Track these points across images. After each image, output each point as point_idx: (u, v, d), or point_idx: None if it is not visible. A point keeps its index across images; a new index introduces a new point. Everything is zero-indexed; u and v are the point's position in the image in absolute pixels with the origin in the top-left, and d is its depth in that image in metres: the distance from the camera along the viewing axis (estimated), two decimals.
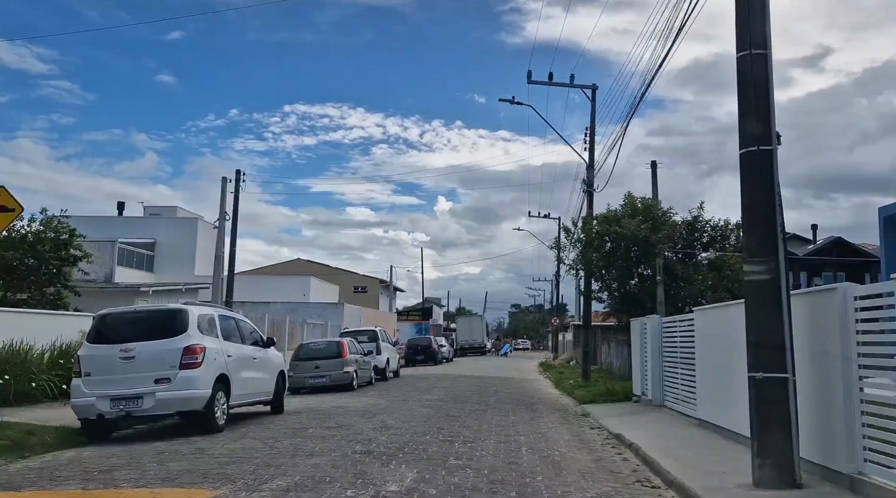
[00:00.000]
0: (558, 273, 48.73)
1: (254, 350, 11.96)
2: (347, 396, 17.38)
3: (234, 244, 24.81)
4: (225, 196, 23.53)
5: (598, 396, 17.36)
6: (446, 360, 44.90)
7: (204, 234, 43.43)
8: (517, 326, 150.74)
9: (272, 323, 26.06)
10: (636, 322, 16.14)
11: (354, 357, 19.99)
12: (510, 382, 24.46)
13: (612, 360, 25.57)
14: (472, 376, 27.57)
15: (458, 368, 35.52)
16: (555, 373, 29.48)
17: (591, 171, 21.94)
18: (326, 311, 35.97)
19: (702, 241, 17.30)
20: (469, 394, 18.42)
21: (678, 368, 13.25)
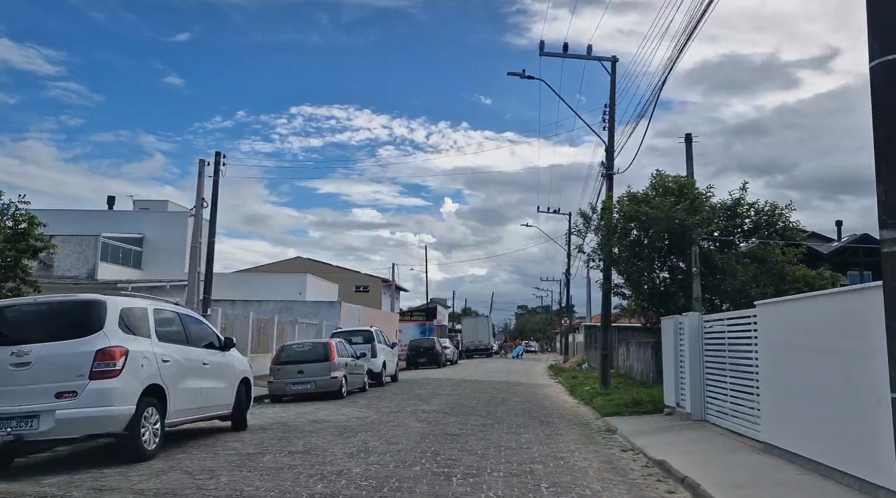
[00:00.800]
0: (568, 271, 46.36)
1: (206, 354, 9.68)
2: (333, 406, 15.08)
3: (213, 234, 22.54)
4: (203, 180, 21.24)
5: (622, 406, 15.03)
6: (450, 362, 42.56)
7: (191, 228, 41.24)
8: (524, 327, 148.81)
9: (259, 323, 23.81)
10: (668, 321, 13.80)
11: (344, 360, 17.69)
12: (519, 389, 22.13)
13: (631, 364, 23.21)
14: (478, 381, 25.23)
15: (463, 372, 33.19)
16: (567, 377, 27.12)
17: (611, 153, 19.61)
18: (322, 310, 33.70)
19: (743, 227, 14.91)
20: (473, 403, 16.09)
21: (727, 377, 10.90)
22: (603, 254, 16.54)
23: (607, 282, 18.63)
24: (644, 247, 14.80)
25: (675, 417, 13.17)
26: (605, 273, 18.93)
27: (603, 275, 19.07)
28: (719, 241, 14.47)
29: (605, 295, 19.43)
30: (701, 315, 12.36)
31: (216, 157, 21.80)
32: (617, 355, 26.39)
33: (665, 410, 13.91)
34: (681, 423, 12.42)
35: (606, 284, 18.50)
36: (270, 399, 17.04)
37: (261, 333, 23.60)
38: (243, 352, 21.98)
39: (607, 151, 19.67)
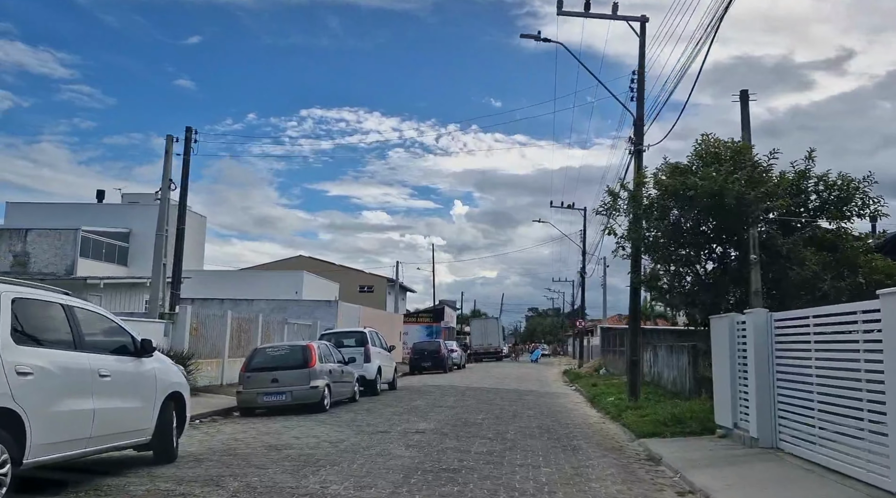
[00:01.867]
0: (583, 270, 43.53)
1: (112, 361, 7.06)
2: (308, 423, 12.44)
3: (183, 220, 19.90)
4: (170, 160, 18.65)
5: (661, 424, 12.29)
6: (457, 366, 39.84)
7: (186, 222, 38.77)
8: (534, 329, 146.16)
9: (240, 323, 21.22)
10: (721, 321, 11.07)
11: (327, 367, 15.05)
12: (533, 398, 19.41)
13: (659, 370, 20.43)
14: (486, 389, 22.53)
15: (470, 377, 30.48)
16: (585, 385, 24.37)
17: (641, 126, 16.89)
18: (318, 309, 31.15)
19: (807, 206, 12.14)
20: (479, 419, 13.41)
21: (813, 392, 8.19)
22: (631, 241, 13.79)
23: (636, 274, 15.89)
24: (686, 231, 12.06)
25: (733, 442, 10.44)
26: (633, 265, 16.18)
27: (631, 267, 16.32)
28: (782, 223, 11.71)
29: (634, 291, 16.67)
30: (770, 313, 9.63)
31: (187, 133, 19.22)
32: (641, 361, 23.57)
33: (717, 432, 11.17)
34: (744, 450, 9.69)
35: (635, 278, 15.76)
36: (240, 412, 14.42)
37: (242, 335, 21.02)
38: (218, 356, 19.41)
39: (635, 125, 16.93)
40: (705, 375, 16.23)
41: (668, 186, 11.23)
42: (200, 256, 40.75)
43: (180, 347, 17.03)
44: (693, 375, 16.19)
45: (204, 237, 41.19)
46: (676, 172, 11.20)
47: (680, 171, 11.25)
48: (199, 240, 40.64)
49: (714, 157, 11.26)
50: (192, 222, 39.99)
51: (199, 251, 40.52)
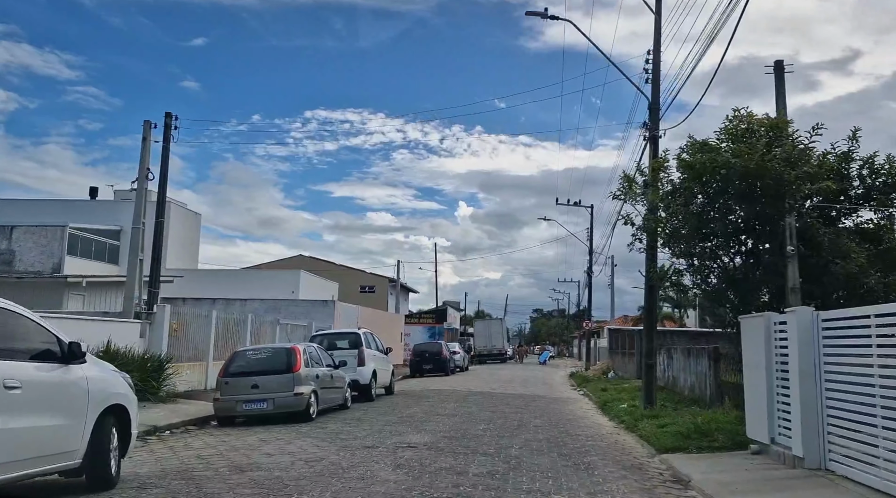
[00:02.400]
0: (590, 269, 42.13)
1: (27, 369, 5.78)
2: (287, 435, 11.13)
3: (163, 213, 18.58)
4: (147, 147, 17.35)
5: (683, 437, 10.96)
6: (460, 369, 38.49)
7: (179, 219, 37.59)
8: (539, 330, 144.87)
9: (227, 323, 19.93)
10: (754, 321, 9.73)
11: (314, 372, 13.73)
12: (540, 405, 18.07)
13: (675, 375, 19.07)
14: (489, 394, 21.20)
15: (473, 380, 29.14)
16: (594, 389, 23.02)
17: (657, 110, 15.56)
18: (314, 309, 29.85)
19: (849, 193, 10.78)
20: (480, 430, 12.08)
21: (876, 406, 6.86)
22: (647, 232, 12.43)
23: (652, 270, 14.58)
24: (712, 220, 10.71)
25: (771, 460, 9.10)
26: (648, 259, 14.86)
27: (646, 262, 14.99)
28: (822, 211, 10.37)
29: (649, 289, 15.34)
30: (816, 312, 8.28)
31: (166, 119, 17.89)
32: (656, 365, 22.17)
33: (751, 448, 9.82)
34: (786, 471, 8.34)
35: (652, 274, 14.45)
36: (217, 421, 13.12)
37: (229, 337, 19.72)
38: (202, 359, 18.13)
39: (650, 109, 15.61)
40: (729, 381, 14.92)
41: (694, 166, 9.85)
42: (195, 255, 39.53)
43: (158, 350, 15.74)
44: (715, 380, 14.83)
45: (199, 235, 39.97)
46: (705, 150, 9.80)
47: (709, 148, 9.87)
48: (194, 238, 39.42)
49: (747, 134, 9.86)
50: (187, 220, 38.85)
51: (194, 250, 39.30)
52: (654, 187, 11.84)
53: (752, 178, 9.28)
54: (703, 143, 10.02)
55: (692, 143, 10.24)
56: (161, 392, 15.10)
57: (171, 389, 15.62)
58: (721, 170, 9.35)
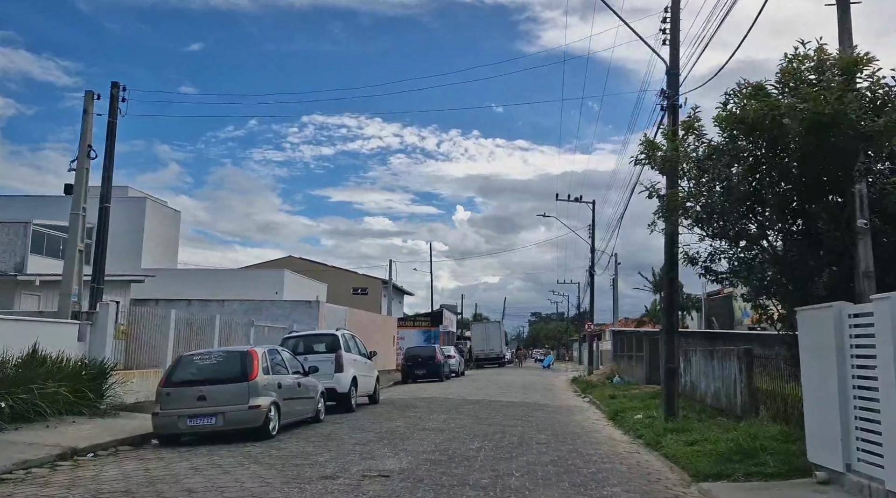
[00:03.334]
0: (593, 267, 40.00)
1: None
2: (232, 460, 8.98)
3: (108, 199, 16.31)
4: (89, 121, 15.16)
5: (723, 459, 8.89)
6: (455, 374, 36.29)
7: (157, 218, 35.43)
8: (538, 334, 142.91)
9: (190, 325, 17.79)
10: (817, 314, 7.62)
11: (277, 380, 11.57)
12: (543, 415, 15.92)
13: (694, 380, 16.91)
14: (485, 402, 19.05)
15: (469, 387, 26.98)
16: (602, 396, 20.88)
17: (676, 74, 13.51)
18: (298, 311, 27.71)
19: None
20: (473, 450, 9.93)
21: None
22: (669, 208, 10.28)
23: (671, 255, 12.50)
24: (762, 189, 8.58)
25: (849, 494, 6.98)
26: (667, 246, 12.79)
27: (666, 248, 12.92)
28: None
29: (670, 281, 13.23)
30: None
31: (112, 89, 15.68)
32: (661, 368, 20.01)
33: (817, 475, 7.69)
34: None
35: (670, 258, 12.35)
36: (158, 440, 10.96)
37: (194, 340, 17.57)
38: (158, 365, 15.96)
39: (669, 73, 13.55)
40: (763, 388, 12.82)
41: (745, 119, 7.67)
42: (174, 255, 37.36)
43: (100, 355, 13.59)
44: (747, 387, 12.70)
45: (178, 234, 37.79)
46: (761, 96, 7.62)
47: (766, 94, 7.71)
48: (173, 236, 37.25)
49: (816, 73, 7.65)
50: (165, 218, 36.70)
51: (173, 249, 37.12)
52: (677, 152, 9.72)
53: (823, 130, 7.14)
54: (757, 88, 7.84)
55: (741, 89, 8.05)
56: (102, 405, 12.96)
57: (116, 400, 13.48)
58: (783, 119, 7.21)
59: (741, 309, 39.97)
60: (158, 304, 26.78)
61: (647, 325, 61.08)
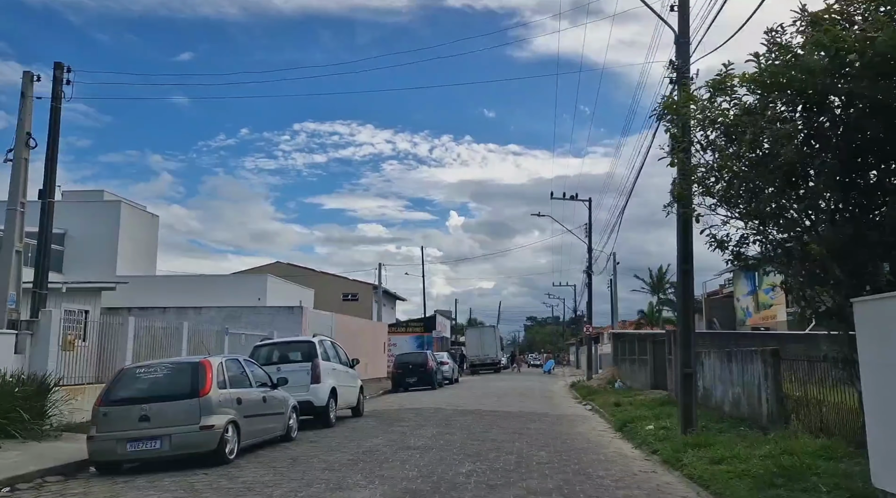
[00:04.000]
0: (590, 267, 38.51)
1: None
2: (167, 493, 7.42)
3: (52, 192, 14.64)
4: (28, 105, 13.54)
5: (764, 483, 7.41)
6: (449, 381, 34.73)
7: (133, 222, 33.78)
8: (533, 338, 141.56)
9: (151, 333, 16.20)
10: (881, 305, 6.13)
11: (236, 395, 9.99)
12: (542, 427, 14.38)
13: (708, 386, 15.39)
14: (480, 412, 17.50)
15: (463, 395, 25.43)
16: (605, 403, 19.37)
17: (686, 44, 12.06)
18: (279, 317, 26.10)
19: None
20: (463, 475, 8.38)
21: None
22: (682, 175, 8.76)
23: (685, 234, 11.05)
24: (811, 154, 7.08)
25: None
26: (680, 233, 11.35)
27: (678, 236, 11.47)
28: None
29: (683, 274, 11.74)
30: None
31: (55, 71, 14.06)
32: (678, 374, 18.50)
33: None
34: None
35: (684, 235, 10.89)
36: (96, 468, 9.38)
37: (158, 350, 15.99)
38: None
39: (678, 42, 12.10)
40: (792, 395, 11.34)
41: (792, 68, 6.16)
42: (152, 261, 35.68)
43: (41, 369, 11.99)
44: (774, 393, 11.19)
45: (156, 239, 36.08)
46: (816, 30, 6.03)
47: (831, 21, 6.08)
48: (151, 241, 35.56)
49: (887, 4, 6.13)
50: (143, 223, 35.05)
51: (151, 254, 35.43)
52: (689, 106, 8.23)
53: None
54: (817, 17, 6.20)
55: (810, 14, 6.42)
56: (45, 425, 11.37)
57: (61, 420, 11.88)
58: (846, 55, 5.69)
59: (743, 309, 38.51)
60: (131, 312, 25.20)
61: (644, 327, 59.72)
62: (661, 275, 66.98)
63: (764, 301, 35.16)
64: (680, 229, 11.36)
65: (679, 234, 11.48)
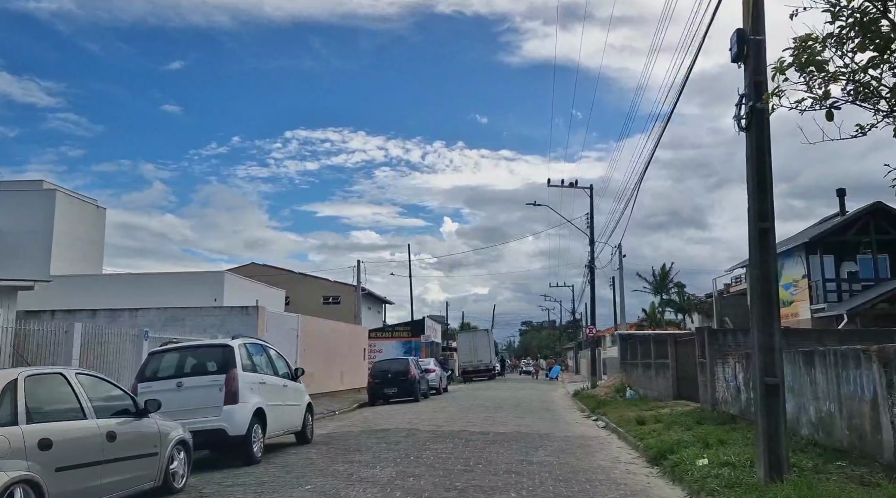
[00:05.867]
0: (592, 261, 34.56)
1: None
2: None
3: None
4: None
5: None
6: (436, 391, 30.73)
7: (73, 214, 29.67)
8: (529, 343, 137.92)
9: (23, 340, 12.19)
10: None
11: (35, 436, 5.97)
12: (545, 457, 10.35)
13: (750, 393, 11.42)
14: (465, 436, 13.51)
15: (449, 409, 21.45)
16: (621, 419, 15.41)
17: None
18: (231, 319, 22.13)
19: None
20: None
21: None
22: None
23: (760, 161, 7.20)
24: None
25: None
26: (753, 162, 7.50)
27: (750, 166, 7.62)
28: None
29: (761, 234, 7.82)
30: None
31: None
32: (707, 380, 14.51)
33: None
34: None
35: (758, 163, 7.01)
36: None
37: (41, 359, 11.98)
38: None
39: None
40: None
41: None
42: (98, 258, 31.60)
43: None
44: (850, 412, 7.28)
45: (103, 234, 31.98)
46: None
47: None
48: (96, 238, 31.48)
49: None
50: (84, 215, 30.92)
51: (96, 251, 31.36)
52: None
53: None
54: None
55: None
56: None
57: None
58: None
59: None
60: (55, 315, 21.23)
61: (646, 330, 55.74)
62: (664, 273, 63.15)
63: (783, 298, 31.55)
64: (751, 157, 7.55)
65: (750, 164, 7.64)
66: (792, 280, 31.36)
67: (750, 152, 7.88)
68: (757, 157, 7.80)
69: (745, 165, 7.98)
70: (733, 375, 13.41)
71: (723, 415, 13.65)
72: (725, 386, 14.00)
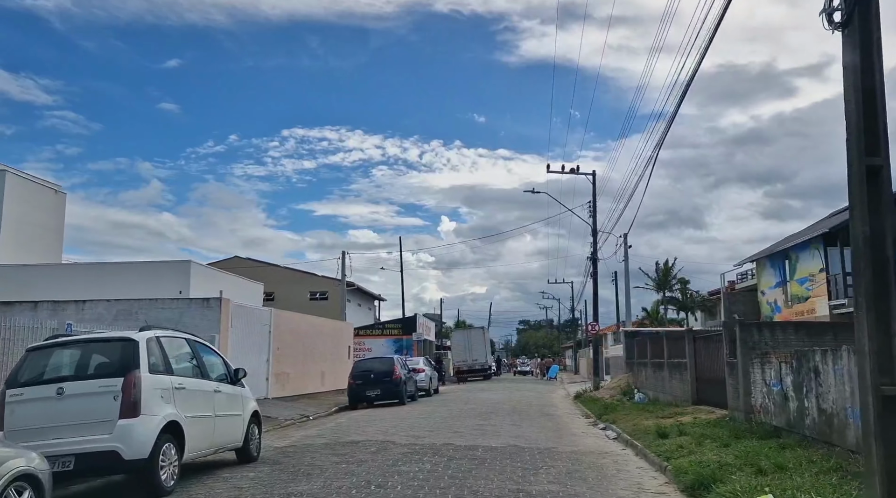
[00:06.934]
0: (595, 253, 32.06)
1: None
2: None
3: None
4: None
5: None
6: (425, 392, 28.19)
7: (21, 196, 27.02)
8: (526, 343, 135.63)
9: None
10: None
11: None
12: (547, 485, 7.83)
13: (833, 407, 8.94)
14: (449, 452, 10.99)
15: (436, 414, 18.94)
16: (638, 430, 12.92)
17: None
18: (191, 312, 19.60)
19: None
20: None
21: None
22: None
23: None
24: None
25: None
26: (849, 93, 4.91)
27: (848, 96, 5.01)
28: None
29: (871, 173, 5.29)
30: None
31: None
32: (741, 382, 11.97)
33: None
34: None
35: None
36: None
37: None
38: None
39: None
40: None
41: None
42: (58, 246, 29.02)
43: None
44: None
45: (63, 221, 29.39)
46: None
47: None
48: (55, 224, 28.90)
49: None
50: (39, 198, 28.27)
51: (54, 238, 28.77)
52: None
53: None
54: None
55: None
56: None
57: None
58: None
59: (770, 304, 32.33)
60: None
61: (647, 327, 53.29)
62: (667, 269, 60.65)
63: (798, 293, 29.25)
64: (855, 61, 5.04)
65: (855, 73, 5.14)
66: (808, 274, 28.99)
67: (850, 60, 5.41)
68: (862, 66, 5.32)
69: (842, 80, 5.50)
70: (778, 378, 10.91)
71: (763, 427, 11.17)
72: (766, 391, 11.50)
